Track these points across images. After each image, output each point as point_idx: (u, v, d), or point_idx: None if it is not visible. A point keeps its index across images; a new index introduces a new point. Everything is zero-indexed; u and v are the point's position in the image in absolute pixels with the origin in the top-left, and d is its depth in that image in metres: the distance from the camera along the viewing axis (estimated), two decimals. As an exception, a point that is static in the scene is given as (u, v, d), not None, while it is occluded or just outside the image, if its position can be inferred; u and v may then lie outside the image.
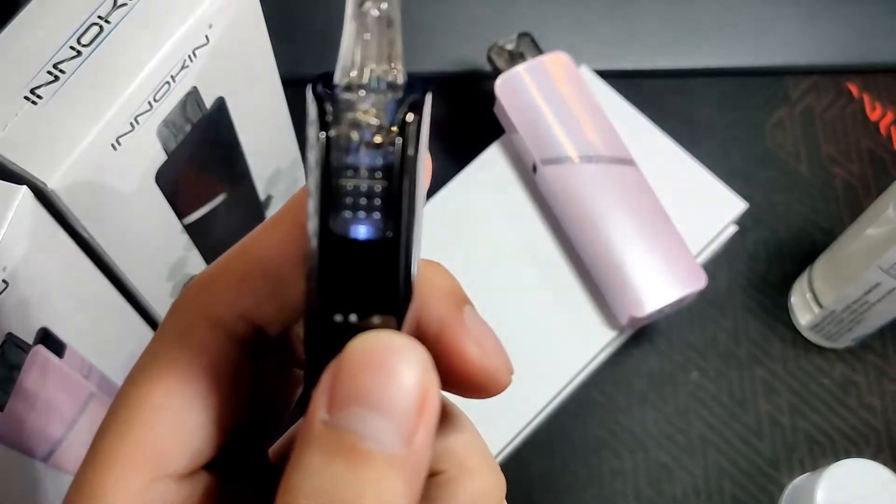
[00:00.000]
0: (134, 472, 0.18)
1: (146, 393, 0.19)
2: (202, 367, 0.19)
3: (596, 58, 0.53)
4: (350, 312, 0.16)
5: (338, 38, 0.39)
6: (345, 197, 0.16)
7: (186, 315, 0.19)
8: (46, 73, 0.31)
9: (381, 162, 0.16)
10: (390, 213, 0.16)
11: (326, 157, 0.15)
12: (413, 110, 0.16)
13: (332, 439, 0.15)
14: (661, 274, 0.43)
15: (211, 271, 0.20)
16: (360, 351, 0.16)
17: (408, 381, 0.16)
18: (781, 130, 0.53)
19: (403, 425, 0.15)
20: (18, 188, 0.30)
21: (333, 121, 0.15)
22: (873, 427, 0.46)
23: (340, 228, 0.16)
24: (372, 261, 0.16)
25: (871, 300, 0.43)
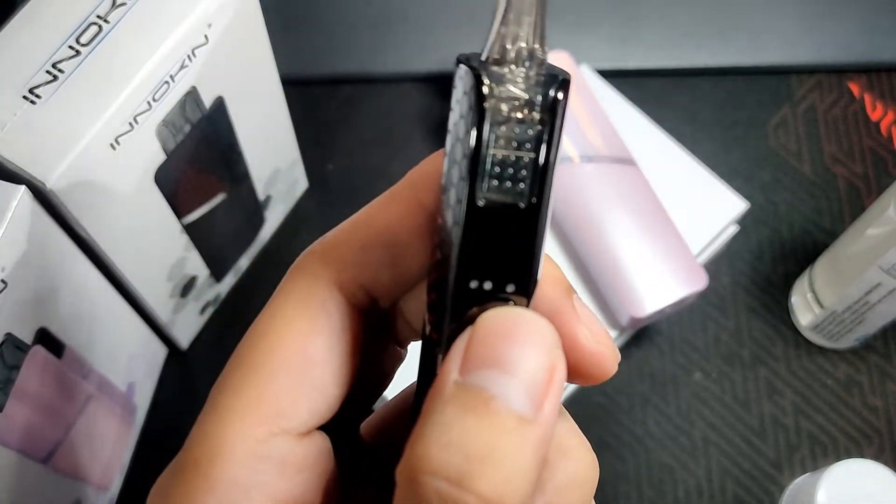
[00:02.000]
0: (254, 426, 0.18)
1: (269, 349, 0.19)
2: (325, 328, 0.19)
3: (597, 57, 0.53)
4: (486, 279, 0.17)
5: (337, 38, 0.39)
6: (494, 166, 0.16)
7: (309, 277, 0.20)
8: (45, 73, 0.31)
9: (530, 135, 0.16)
10: (535, 184, 0.16)
11: (480, 126, 0.16)
12: (562, 88, 0.16)
13: (465, 397, 0.16)
14: (662, 274, 0.43)
15: (332, 238, 0.20)
16: (496, 320, 0.17)
17: (540, 352, 0.17)
18: (784, 130, 0.53)
19: (534, 391, 0.16)
20: (17, 188, 0.30)
21: (489, 93, 0.16)
22: (875, 427, 0.46)
23: (487, 196, 0.16)
24: (513, 229, 0.17)
25: (872, 300, 0.43)
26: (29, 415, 0.34)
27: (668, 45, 0.54)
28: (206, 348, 0.48)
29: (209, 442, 0.18)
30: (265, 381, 0.19)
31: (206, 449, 0.18)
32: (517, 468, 0.16)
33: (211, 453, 0.18)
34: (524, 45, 0.17)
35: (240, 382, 0.19)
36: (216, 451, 0.18)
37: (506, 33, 0.17)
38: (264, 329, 0.19)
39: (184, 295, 0.44)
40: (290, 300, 0.20)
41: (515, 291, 0.17)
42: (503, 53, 0.17)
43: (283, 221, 0.50)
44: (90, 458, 0.40)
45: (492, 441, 0.16)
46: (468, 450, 0.16)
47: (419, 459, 0.16)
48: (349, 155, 0.52)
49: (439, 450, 0.16)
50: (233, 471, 0.18)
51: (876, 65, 0.54)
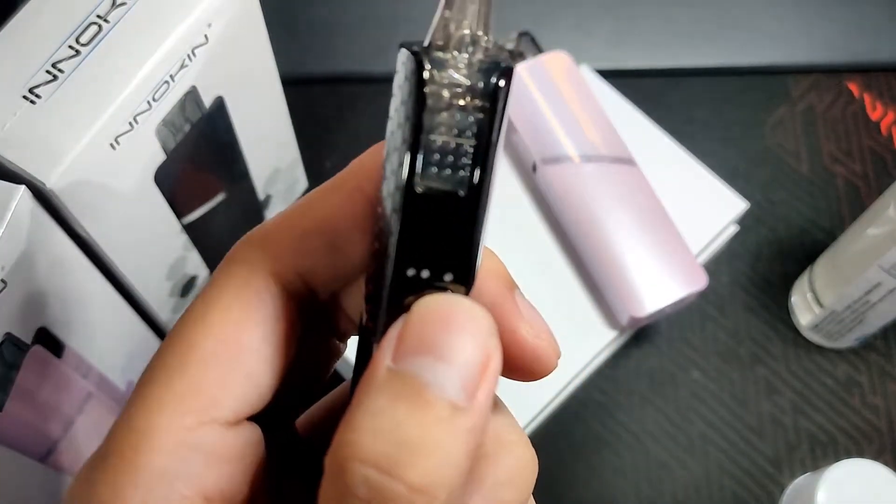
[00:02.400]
0: (183, 414, 0.18)
1: (200, 338, 0.18)
2: (258, 317, 0.19)
3: (596, 57, 0.53)
4: (424, 267, 0.17)
5: (337, 38, 0.39)
6: (433, 153, 0.16)
7: (245, 266, 0.19)
8: (45, 73, 0.31)
9: (470, 122, 0.16)
10: (475, 172, 0.16)
11: (419, 112, 0.16)
12: (505, 76, 0.16)
13: (397, 384, 0.16)
14: (662, 274, 0.43)
15: (269, 227, 0.20)
16: (431, 306, 0.16)
17: (475, 339, 0.16)
18: (782, 129, 0.53)
19: (467, 378, 0.16)
20: (17, 188, 0.30)
21: (430, 78, 0.16)
22: (876, 427, 0.46)
23: (426, 183, 0.16)
24: (452, 217, 0.17)
25: (872, 300, 0.43)
26: (28, 414, 0.34)
27: (667, 45, 0.54)
28: (205, 348, 0.48)
29: (135, 431, 0.18)
30: (195, 369, 0.18)
31: (132, 439, 0.18)
32: (449, 457, 0.16)
33: (137, 443, 0.18)
34: (467, 32, 0.17)
35: (168, 370, 0.18)
36: (142, 441, 0.18)
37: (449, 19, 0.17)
38: (196, 317, 0.19)
39: (183, 294, 0.44)
40: (224, 288, 0.19)
41: (454, 280, 0.17)
42: (446, 40, 0.17)
43: (282, 221, 0.50)
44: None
45: (424, 430, 0.16)
46: (399, 438, 0.15)
47: (349, 447, 0.16)
48: (349, 154, 0.52)
49: (370, 437, 0.16)
50: (160, 460, 0.18)
51: (874, 65, 0.54)
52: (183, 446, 0.18)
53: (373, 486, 0.15)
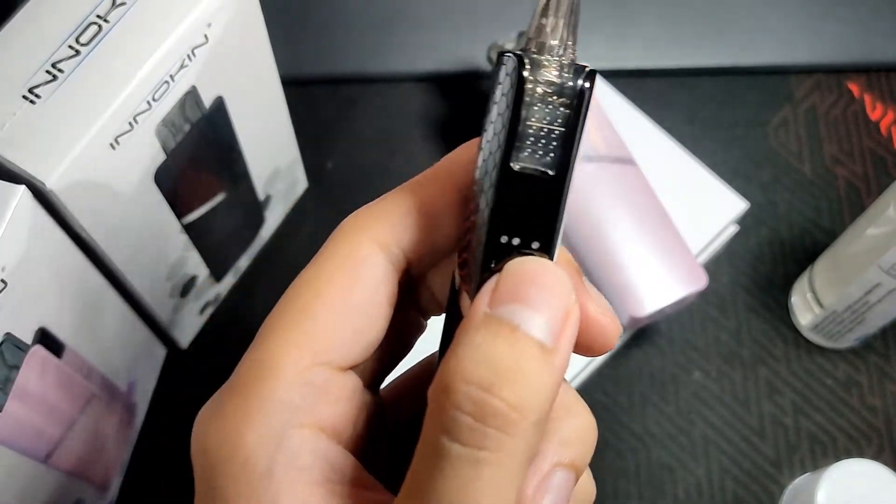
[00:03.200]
0: (303, 354, 0.21)
1: (318, 291, 0.21)
2: (366, 279, 0.22)
3: (597, 57, 0.53)
4: (515, 235, 0.20)
5: (337, 38, 0.39)
6: (527, 139, 0.19)
7: (356, 235, 0.22)
8: (45, 73, 0.31)
9: (559, 114, 0.19)
10: (562, 156, 0.19)
11: (519, 102, 0.19)
12: (590, 78, 0.19)
13: (493, 325, 0.19)
14: (662, 274, 0.43)
15: (375, 205, 0.23)
16: (523, 265, 0.19)
17: (559, 294, 0.19)
18: (784, 130, 0.53)
19: (553, 325, 0.19)
20: (17, 188, 0.30)
21: (529, 75, 0.19)
22: (875, 427, 0.46)
23: (520, 162, 0.19)
24: (540, 194, 0.20)
25: (872, 300, 0.43)
26: (29, 414, 0.34)
27: (667, 45, 0.54)
28: (205, 348, 0.48)
29: (260, 366, 0.21)
30: (312, 319, 0.21)
31: (258, 372, 0.21)
32: (538, 386, 0.18)
33: (262, 376, 0.20)
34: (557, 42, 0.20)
35: (289, 319, 0.21)
36: (267, 374, 0.20)
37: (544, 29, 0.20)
38: (315, 273, 0.22)
39: (183, 295, 0.44)
40: (336, 252, 0.22)
41: (539, 248, 0.20)
42: (541, 46, 0.20)
43: (282, 221, 0.50)
44: (90, 458, 0.40)
45: (517, 361, 0.18)
46: (497, 365, 0.18)
47: (454, 372, 0.18)
48: (349, 154, 0.52)
49: (472, 364, 0.18)
50: (282, 391, 0.20)
51: (876, 65, 0.54)
52: (302, 382, 0.20)
53: (476, 400, 0.18)
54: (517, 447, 0.18)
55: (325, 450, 0.21)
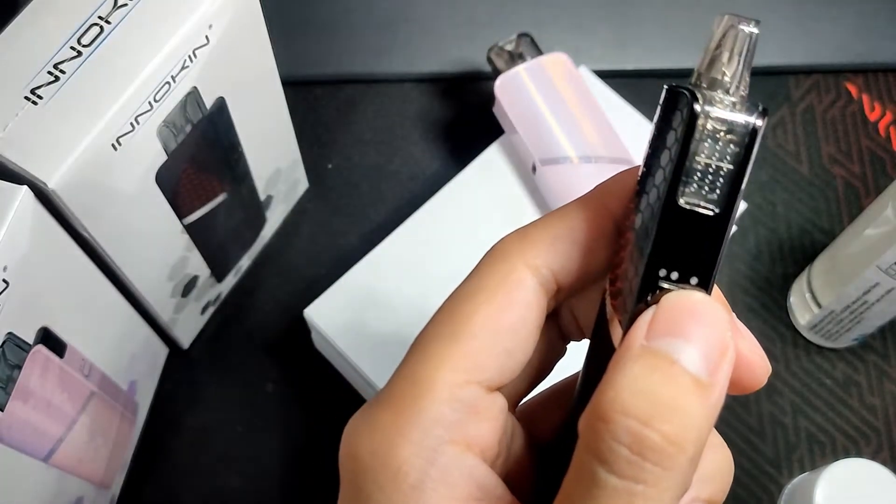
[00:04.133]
0: (457, 372, 0.21)
1: (471, 313, 0.22)
2: (519, 302, 0.22)
3: (595, 58, 0.53)
4: (674, 269, 0.20)
5: (337, 39, 0.39)
6: (694, 174, 0.19)
7: (508, 258, 0.22)
8: (47, 74, 0.31)
9: (730, 152, 0.19)
10: (728, 194, 0.19)
11: (689, 137, 0.19)
12: (762, 117, 0.19)
13: (651, 357, 0.19)
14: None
15: (528, 228, 0.23)
16: (681, 298, 0.20)
17: (717, 330, 0.19)
18: (782, 130, 0.53)
19: (710, 359, 0.19)
20: (19, 188, 0.30)
21: (701, 110, 0.19)
22: (873, 427, 0.46)
23: (686, 198, 0.19)
24: (703, 230, 0.20)
25: (870, 300, 0.43)
26: (31, 413, 0.34)
27: (665, 47, 0.54)
28: (207, 347, 0.48)
29: (416, 381, 0.21)
30: (466, 338, 0.21)
31: (413, 387, 0.21)
32: (695, 421, 0.18)
33: (417, 391, 0.21)
34: (730, 79, 0.20)
35: (443, 336, 0.22)
36: (422, 389, 0.21)
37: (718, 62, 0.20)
38: (467, 295, 0.22)
39: (185, 295, 0.44)
40: (491, 274, 0.22)
41: (697, 284, 0.20)
42: (712, 81, 0.20)
43: (284, 221, 0.51)
44: (92, 457, 0.40)
45: (674, 395, 0.18)
46: (655, 398, 0.18)
47: (612, 403, 0.18)
48: (349, 155, 0.52)
49: (630, 395, 0.18)
50: (436, 408, 0.21)
51: (873, 65, 0.55)
52: (454, 399, 0.21)
53: (634, 433, 0.18)
54: (673, 482, 0.18)
55: (473, 468, 0.21)
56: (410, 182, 0.51)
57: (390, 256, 0.44)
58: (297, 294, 0.48)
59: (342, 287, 0.44)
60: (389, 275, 0.44)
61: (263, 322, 0.48)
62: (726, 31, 0.20)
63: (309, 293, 0.44)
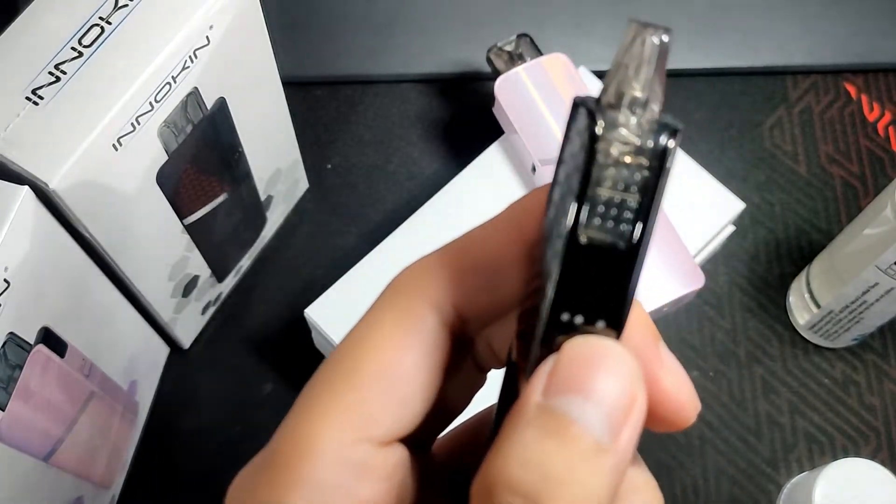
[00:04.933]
0: (344, 429, 0.19)
1: (364, 360, 0.20)
2: (418, 344, 0.20)
3: (594, 59, 0.53)
4: (579, 313, 0.18)
5: (337, 40, 0.39)
6: (598, 206, 0.17)
7: (407, 295, 0.20)
8: (48, 74, 0.32)
9: (637, 179, 0.17)
10: (636, 227, 0.17)
11: (589, 166, 0.17)
12: (673, 137, 0.17)
13: (546, 420, 0.17)
14: (659, 273, 0.43)
15: (431, 260, 0.21)
16: (582, 348, 0.17)
17: (622, 382, 0.17)
18: (780, 131, 0.53)
19: (613, 419, 0.17)
20: (20, 188, 0.30)
21: (602, 135, 0.17)
22: (872, 426, 0.47)
23: (589, 233, 0.17)
24: (610, 268, 0.17)
25: (869, 300, 0.43)
26: (31, 413, 0.34)
27: (666, 47, 0.54)
28: (207, 347, 0.48)
29: (300, 441, 0.19)
30: (357, 389, 0.19)
31: (296, 447, 0.19)
32: (591, 493, 0.17)
33: (301, 452, 0.19)
34: (639, 95, 0.17)
35: (332, 387, 0.20)
36: (306, 451, 0.19)
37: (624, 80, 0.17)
38: (361, 338, 0.20)
39: (185, 294, 0.44)
40: (387, 313, 0.20)
41: (605, 326, 0.18)
42: (619, 99, 0.17)
43: (284, 221, 0.51)
44: (92, 456, 0.40)
45: (569, 465, 0.16)
46: (546, 471, 0.16)
47: (498, 475, 0.17)
48: (349, 155, 0.52)
49: (518, 467, 0.17)
50: (321, 471, 0.19)
51: (872, 66, 0.55)
52: (342, 460, 0.19)
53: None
54: None
55: None
56: (410, 182, 0.51)
57: (390, 256, 0.44)
58: (297, 294, 0.48)
59: (342, 287, 0.44)
60: (389, 275, 0.44)
61: (263, 322, 0.48)
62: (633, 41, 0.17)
63: (309, 293, 0.44)
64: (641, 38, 0.17)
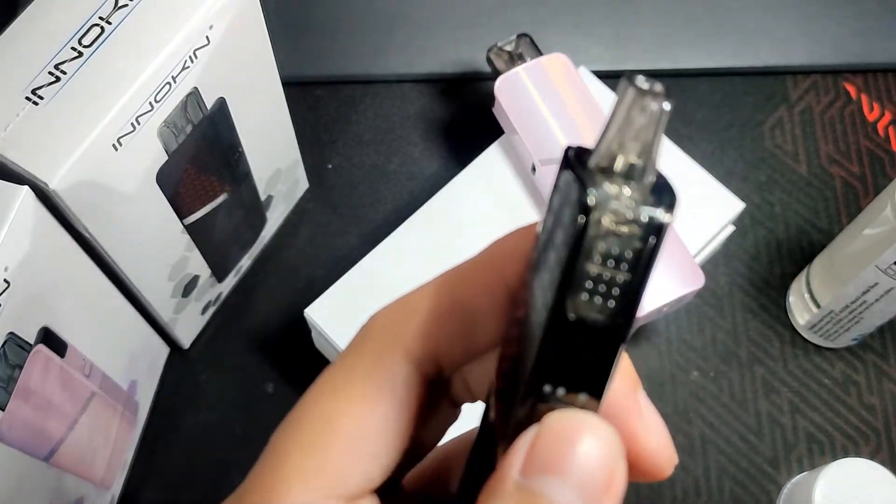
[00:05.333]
0: (312, 488, 0.19)
1: (334, 413, 0.19)
2: (389, 397, 0.19)
3: (595, 59, 0.53)
4: (559, 386, 0.17)
5: (337, 40, 0.39)
6: (586, 281, 0.16)
7: (380, 343, 0.20)
8: (48, 74, 0.32)
9: (629, 255, 0.16)
10: (625, 305, 0.16)
11: (580, 239, 0.16)
12: (669, 210, 0.16)
13: (523, 498, 0.17)
14: (659, 273, 0.43)
15: (405, 304, 0.20)
16: (562, 425, 0.17)
17: (601, 461, 0.17)
18: (780, 131, 0.53)
19: (591, 498, 0.17)
20: (20, 188, 0.30)
21: (594, 207, 0.15)
22: (872, 426, 0.47)
23: (576, 310, 0.16)
24: (595, 344, 0.17)
25: (869, 300, 0.43)
26: (31, 413, 0.34)
27: (664, 47, 0.55)
28: (207, 347, 0.48)
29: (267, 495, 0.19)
30: (327, 447, 0.19)
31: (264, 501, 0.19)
32: None
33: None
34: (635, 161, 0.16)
35: (302, 444, 0.19)
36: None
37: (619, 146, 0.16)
38: (330, 390, 0.20)
39: (185, 294, 0.44)
40: (358, 364, 0.20)
41: (588, 398, 0.17)
42: (611, 164, 0.16)
43: (284, 221, 0.51)
44: (92, 456, 0.40)
45: None
46: None
47: None
48: (349, 155, 0.52)
49: None
50: None
51: (872, 66, 0.55)
52: None
53: None
54: None
55: None
56: (410, 182, 0.51)
57: (390, 256, 0.44)
58: (297, 294, 0.48)
59: (342, 287, 0.44)
60: (389, 275, 0.44)
61: (263, 322, 0.48)
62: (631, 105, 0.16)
63: (309, 293, 0.44)
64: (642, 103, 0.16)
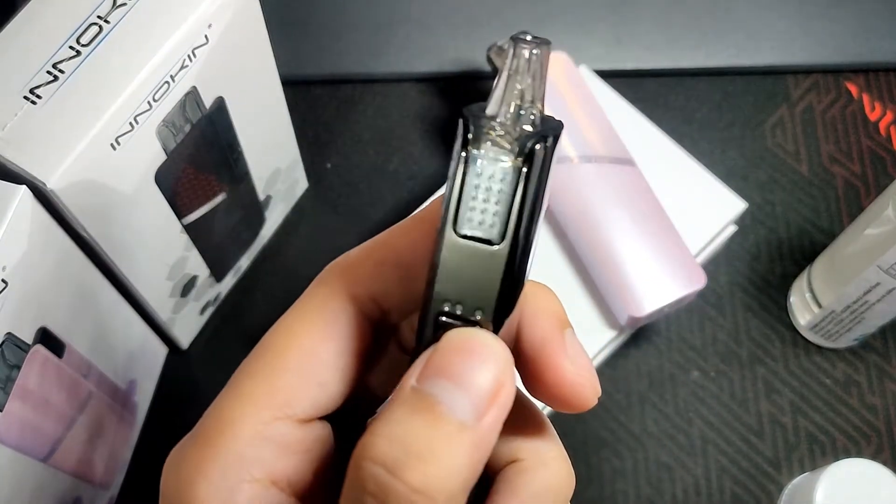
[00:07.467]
0: (263, 409, 0.21)
1: (284, 348, 0.22)
2: (336, 332, 0.22)
3: (595, 58, 0.53)
4: (457, 303, 0.19)
5: (336, 39, 0.38)
6: (471, 204, 0.19)
7: (328, 288, 0.22)
8: (46, 73, 0.31)
9: (507, 181, 0.19)
10: (506, 226, 0.19)
11: (464, 169, 0.19)
12: (542, 142, 0.18)
13: (416, 400, 0.19)
14: (661, 274, 0.43)
15: (352, 255, 0.23)
16: (456, 338, 0.19)
17: (489, 370, 0.19)
18: (781, 130, 0.53)
19: (477, 403, 0.18)
20: (18, 188, 0.30)
21: (474, 139, 0.19)
22: (874, 427, 0.46)
23: (462, 230, 0.19)
24: (484, 264, 0.19)
25: (871, 300, 0.43)
26: (29, 413, 0.34)
27: (665, 46, 0.54)
28: (206, 347, 0.48)
29: (222, 419, 0.21)
30: (277, 374, 0.21)
31: (219, 424, 0.21)
32: (449, 467, 0.18)
33: (222, 428, 0.21)
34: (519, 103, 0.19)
35: (255, 372, 0.22)
36: (226, 427, 0.21)
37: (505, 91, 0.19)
38: (285, 328, 0.22)
39: (184, 294, 0.44)
40: (308, 307, 0.22)
41: (484, 318, 0.19)
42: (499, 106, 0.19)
43: (283, 221, 0.50)
44: (91, 457, 0.40)
45: (431, 441, 0.18)
46: (408, 445, 0.18)
47: (365, 448, 0.18)
48: (349, 154, 0.52)
49: (384, 441, 0.18)
50: (238, 446, 0.21)
51: (873, 65, 0.55)
52: (259, 436, 0.21)
53: (379, 482, 0.18)
54: None
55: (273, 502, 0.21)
56: (410, 182, 0.51)
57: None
58: (297, 294, 0.48)
59: (342, 287, 0.43)
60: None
61: (263, 322, 0.48)
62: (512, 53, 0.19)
63: (308, 293, 0.44)
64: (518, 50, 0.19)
